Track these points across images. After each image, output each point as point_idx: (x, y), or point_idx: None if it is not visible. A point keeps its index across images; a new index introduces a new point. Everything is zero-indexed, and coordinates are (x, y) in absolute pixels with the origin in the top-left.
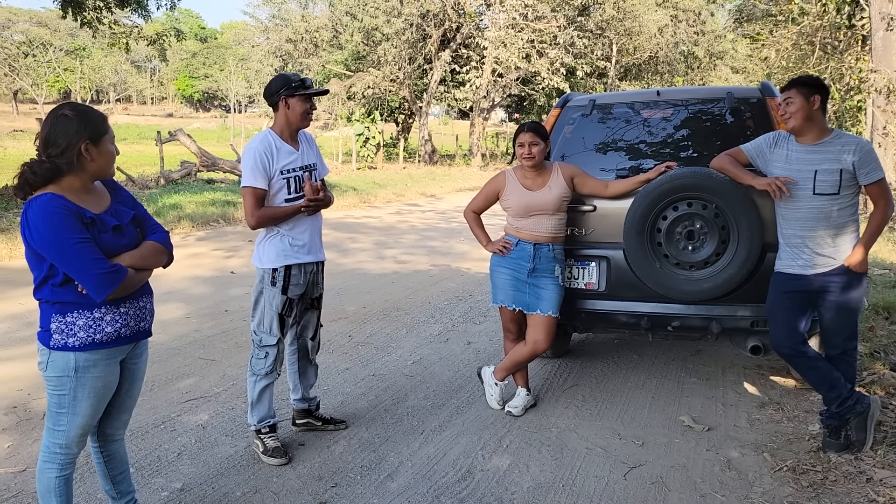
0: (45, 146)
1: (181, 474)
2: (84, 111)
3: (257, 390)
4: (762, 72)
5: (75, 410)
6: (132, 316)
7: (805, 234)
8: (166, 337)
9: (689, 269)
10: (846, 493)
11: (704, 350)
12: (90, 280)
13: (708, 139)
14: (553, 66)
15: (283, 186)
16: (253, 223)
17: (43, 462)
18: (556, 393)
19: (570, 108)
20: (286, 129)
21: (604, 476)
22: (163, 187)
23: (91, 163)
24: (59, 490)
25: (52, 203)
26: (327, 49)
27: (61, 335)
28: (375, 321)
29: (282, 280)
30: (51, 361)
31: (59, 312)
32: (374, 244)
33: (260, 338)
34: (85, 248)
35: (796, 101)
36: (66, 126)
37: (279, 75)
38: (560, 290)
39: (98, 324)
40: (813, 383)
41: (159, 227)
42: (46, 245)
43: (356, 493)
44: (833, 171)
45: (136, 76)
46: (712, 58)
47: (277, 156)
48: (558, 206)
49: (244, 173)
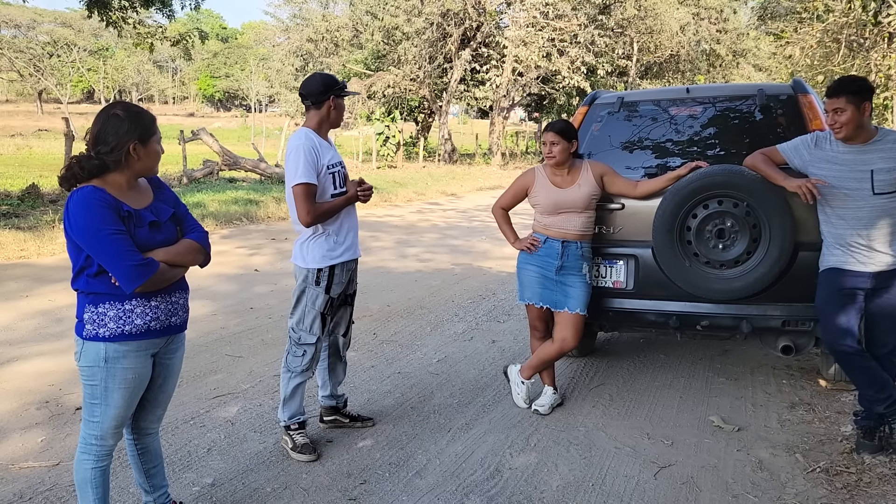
0: (94, 143)
1: (212, 469)
2: (136, 112)
3: (290, 387)
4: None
5: (108, 401)
6: (163, 310)
7: (867, 233)
8: (193, 333)
9: (720, 268)
10: (881, 496)
11: (732, 350)
12: (121, 271)
13: (738, 137)
14: (574, 64)
15: (330, 181)
16: (310, 220)
17: (80, 453)
18: (583, 392)
19: (598, 105)
20: (325, 126)
21: (634, 475)
22: (185, 186)
23: (137, 162)
24: (95, 482)
25: (92, 195)
26: (347, 48)
27: (93, 325)
28: (399, 319)
29: (326, 280)
30: (84, 352)
31: (91, 303)
32: (396, 243)
33: (299, 335)
34: (119, 239)
35: (847, 112)
36: (118, 125)
37: (325, 75)
38: (588, 288)
39: (128, 315)
40: (862, 384)
41: (198, 227)
42: (83, 235)
43: (385, 490)
44: (891, 170)
45: (159, 76)
46: (735, 56)
47: (321, 151)
48: (587, 204)
49: (294, 171)
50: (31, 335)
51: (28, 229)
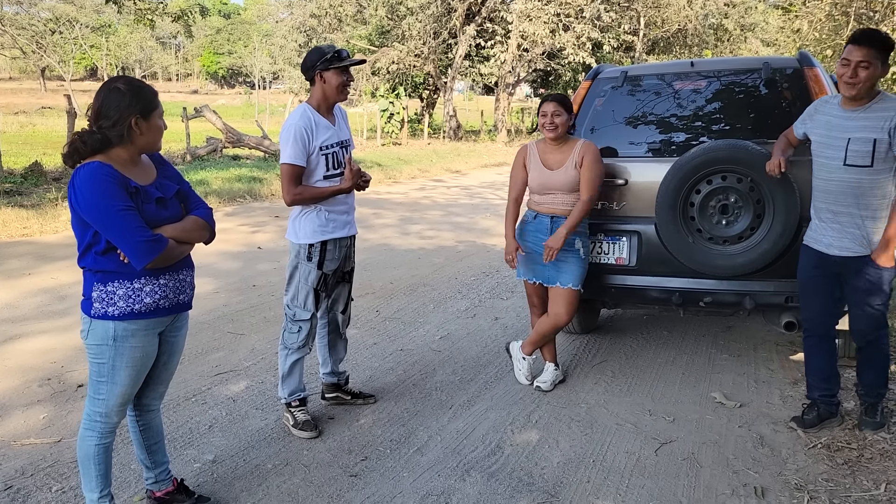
0: (96, 117)
1: (213, 446)
2: (137, 86)
3: (288, 364)
4: (794, 44)
5: (114, 380)
6: (171, 288)
7: (834, 208)
8: (195, 311)
9: (723, 244)
10: (882, 471)
11: (735, 326)
12: (132, 247)
13: (742, 111)
14: (579, 40)
15: (322, 163)
16: (289, 200)
17: (84, 430)
18: (586, 369)
19: (602, 80)
20: (323, 103)
21: (635, 452)
22: (189, 163)
23: (140, 136)
24: (98, 458)
25: (99, 170)
26: (351, 24)
27: (101, 304)
28: (402, 296)
29: (318, 255)
30: (91, 330)
31: (100, 281)
32: (400, 220)
33: (294, 312)
34: (129, 215)
35: (874, 67)
36: (119, 99)
37: (314, 49)
38: (581, 263)
39: (138, 294)
40: (809, 365)
41: (203, 204)
42: (91, 211)
43: (386, 466)
44: (866, 141)
45: (162, 53)
46: (743, 30)
47: (317, 131)
48: (572, 188)
49: (283, 149)
50: (33, 312)
51: (31, 207)
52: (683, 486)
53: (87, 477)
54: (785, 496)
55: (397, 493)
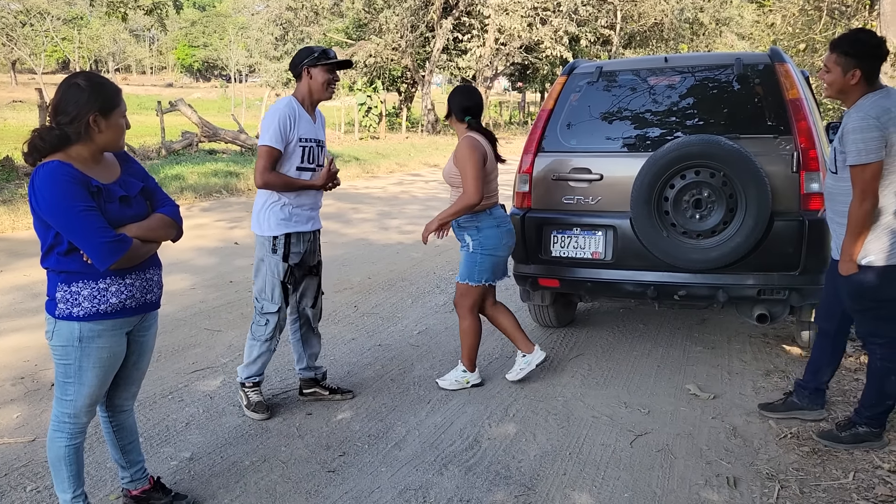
0: (55, 113)
1: (190, 444)
2: (97, 83)
3: (254, 353)
4: (768, 38)
5: (81, 380)
6: (138, 287)
7: (828, 213)
8: (172, 308)
9: (697, 238)
10: (851, 460)
11: (710, 319)
12: (94, 248)
13: (716, 106)
14: (557, 34)
15: (298, 154)
16: (261, 182)
17: (53, 431)
18: (563, 362)
19: (577, 75)
20: (307, 98)
21: (610, 444)
22: (164, 158)
23: (99, 134)
24: (69, 459)
25: (59, 170)
26: (328, 17)
27: (66, 305)
28: (380, 291)
29: (282, 248)
30: (56, 331)
31: (64, 282)
32: (378, 214)
33: (262, 304)
34: (90, 216)
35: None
36: (78, 96)
37: (304, 48)
38: (467, 257)
39: (103, 294)
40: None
41: (169, 201)
42: (52, 212)
43: (364, 461)
44: (833, 148)
45: (135, 46)
46: (718, 24)
47: (299, 122)
48: (451, 181)
49: (264, 131)
50: (6, 310)
51: (2, 203)
52: (658, 478)
53: (58, 478)
54: (756, 486)
55: (375, 488)
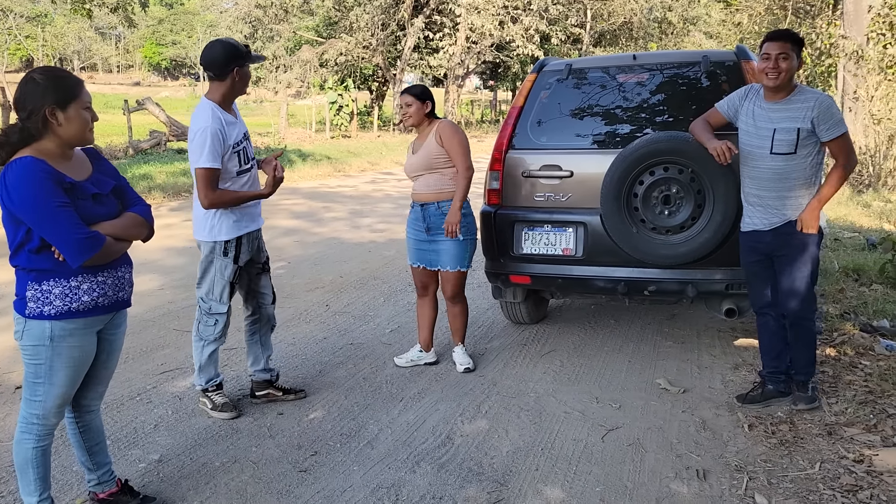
0: (16, 110)
1: (158, 445)
2: (54, 76)
3: (206, 354)
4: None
5: (52, 380)
6: (110, 285)
7: (763, 193)
8: (140, 308)
9: (666, 234)
10: (817, 451)
11: (680, 314)
12: (68, 245)
13: (684, 103)
14: (528, 32)
15: (235, 160)
16: (207, 204)
17: (20, 433)
18: (535, 359)
19: (546, 73)
20: (229, 98)
21: (582, 439)
22: (132, 157)
23: (60, 128)
24: (36, 461)
25: (31, 166)
26: (298, 15)
27: (37, 303)
28: (352, 290)
29: (234, 250)
30: (26, 330)
31: (34, 280)
32: (350, 213)
33: (209, 305)
34: (64, 212)
35: (791, 58)
36: (34, 90)
37: (225, 43)
38: (460, 245)
39: (75, 293)
40: (761, 344)
41: (141, 200)
42: (25, 208)
43: (336, 460)
44: (790, 130)
45: (101, 43)
46: (686, 23)
47: (227, 130)
48: (428, 165)
49: (196, 152)
50: None
51: None
52: (629, 471)
53: (25, 481)
54: (725, 477)
55: (347, 487)
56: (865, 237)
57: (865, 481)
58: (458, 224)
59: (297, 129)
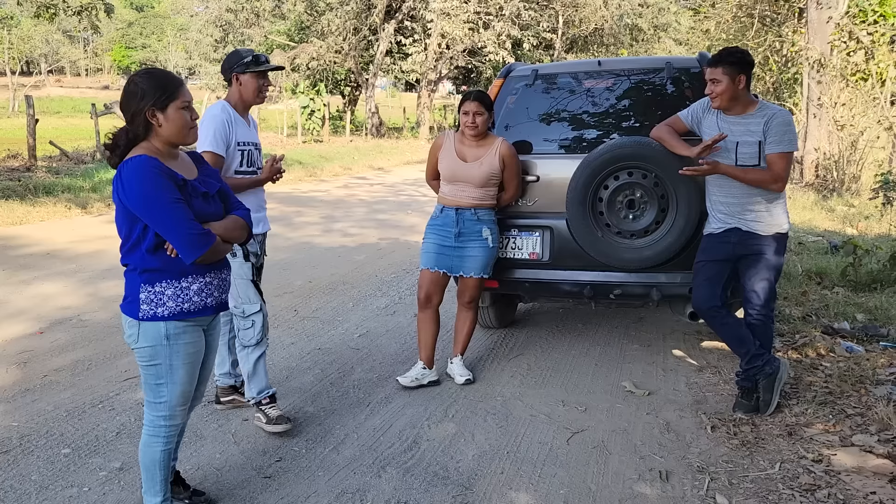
0: (122, 113)
1: (120, 453)
2: (152, 78)
3: (251, 362)
4: (704, 44)
5: (174, 378)
6: (216, 286)
7: (730, 200)
8: (106, 315)
9: (630, 238)
10: (777, 451)
11: (646, 318)
12: (183, 239)
13: (649, 108)
14: (499, 38)
15: (237, 158)
16: None
17: (149, 437)
18: (502, 362)
19: (513, 78)
20: (240, 103)
21: (547, 442)
22: (99, 162)
23: (160, 128)
24: (163, 463)
25: (146, 163)
26: (269, 19)
27: (150, 305)
28: (321, 295)
29: (240, 250)
30: (141, 333)
31: (147, 282)
32: (322, 218)
33: (242, 309)
34: (179, 207)
35: (723, 82)
36: (133, 93)
37: (233, 51)
38: (488, 252)
39: (186, 293)
40: (724, 338)
41: (241, 204)
42: (142, 204)
43: (301, 466)
44: (752, 143)
45: (69, 46)
46: (656, 30)
47: (235, 127)
48: (484, 183)
49: (205, 137)
50: None
51: None
52: (593, 473)
53: (151, 482)
54: (688, 478)
55: (312, 493)
56: (828, 241)
57: (823, 480)
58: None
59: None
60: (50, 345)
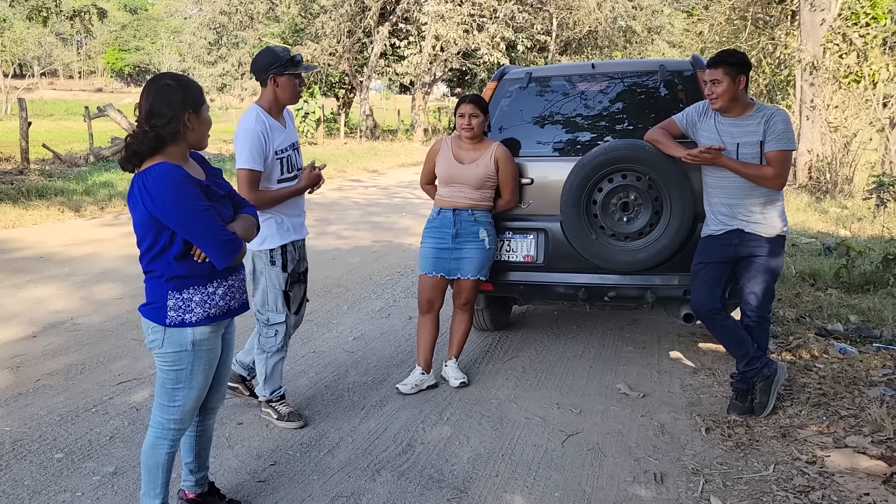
0: (148, 116)
1: (114, 457)
2: (186, 81)
3: (270, 365)
4: (697, 46)
5: (192, 384)
6: (237, 288)
7: (732, 202)
8: (99, 318)
9: (624, 240)
10: (771, 453)
11: (641, 320)
12: (216, 246)
13: (642, 111)
14: (494, 40)
15: (277, 167)
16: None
17: (156, 439)
18: (497, 365)
19: (507, 80)
20: (275, 106)
21: (542, 444)
22: (93, 165)
23: (191, 132)
24: (166, 466)
25: (173, 171)
26: (263, 21)
27: (178, 312)
28: (316, 298)
29: (280, 258)
30: (167, 339)
31: (175, 289)
32: (316, 220)
33: (267, 317)
34: (210, 215)
35: (724, 83)
36: (171, 96)
37: (267, 50)
38: (485, 254)
39: (212, 298)
40: (723, 341)
41: (247, 202)
42: (172, 212)
43: (295, 470)
44: (753, 144)
45: (62, 49)
46: (650, 32)
47: (271, 135)
48: (480, 185)
49: (241, 154)
50: None
51: None
52: (588, 476)
53: (152, 484)
54: (682, 480)
55: (306, 497)
56: (822, 242)
57: (817, 482)
58: None
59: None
60: (43, 349)
